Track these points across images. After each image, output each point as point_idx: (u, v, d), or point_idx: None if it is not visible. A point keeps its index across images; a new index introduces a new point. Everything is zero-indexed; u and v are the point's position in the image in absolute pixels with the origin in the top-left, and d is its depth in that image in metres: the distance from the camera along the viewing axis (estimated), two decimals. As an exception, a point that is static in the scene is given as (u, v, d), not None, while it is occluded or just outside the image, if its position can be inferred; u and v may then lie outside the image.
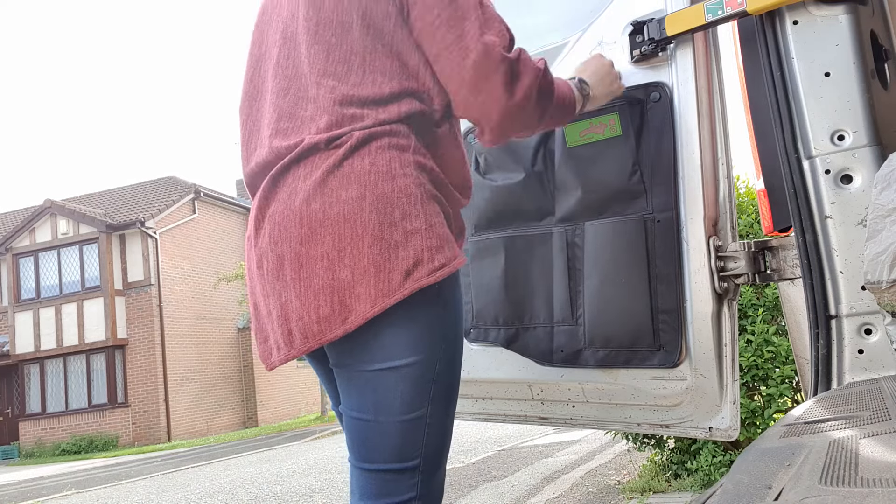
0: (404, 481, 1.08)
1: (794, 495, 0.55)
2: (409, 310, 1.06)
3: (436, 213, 1.10)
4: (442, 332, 1.09)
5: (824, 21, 1.38)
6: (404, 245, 1.06)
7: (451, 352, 1.10)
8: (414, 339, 1.07)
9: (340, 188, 1.08)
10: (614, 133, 1.56)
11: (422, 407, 1.07)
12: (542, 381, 1.71)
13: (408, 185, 1.09)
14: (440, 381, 1.09)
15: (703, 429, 1.53)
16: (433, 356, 1.08)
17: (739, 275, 1.49)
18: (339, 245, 1.06)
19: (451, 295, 1.11)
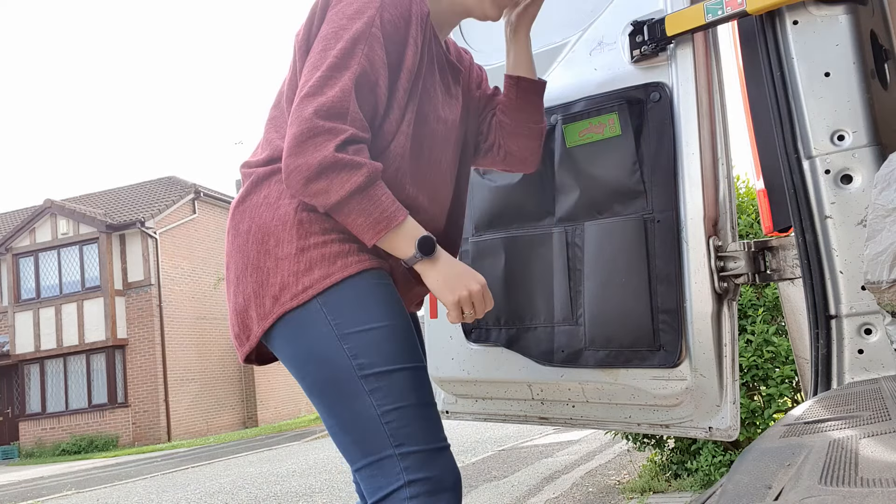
0: (387, 471, 1.11)
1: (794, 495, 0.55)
2: (298, 325, 1.16)
3: (317, 234, 1.17)
4: (339, 334, 1.14)
5: (824, 21, 1.38)
6: (274, 271, 1.17)
7: (365, 346, 1.13)
8: (310, 348, 1.16)
9: (240, 222, 1.24)
10: (613, 133, 1.57)
11: (360, 401, 1.12)
12: (543, 381, 1.71)
13: (287, 212, 1.19)
14: (370, 373, 1.12)
15: (703, 429, 1.53)
16: (339, 358, 1.13)
17: (739, 275, 1.49)
18: (237, 273, 1.22)
19: (348, 299, 1.15)
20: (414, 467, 1.10)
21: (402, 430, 1.11)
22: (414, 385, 1.15)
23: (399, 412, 1.12)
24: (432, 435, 1.14)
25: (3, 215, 23.97)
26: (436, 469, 1.12)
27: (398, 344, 1.15)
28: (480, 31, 1.94)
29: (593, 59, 1.64)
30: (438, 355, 1.88)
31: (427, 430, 1.13)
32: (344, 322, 1.14)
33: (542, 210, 1.69)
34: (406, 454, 1.11)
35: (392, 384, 1.13)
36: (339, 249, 1.17)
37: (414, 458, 1.11)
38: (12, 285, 19.41)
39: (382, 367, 1.13)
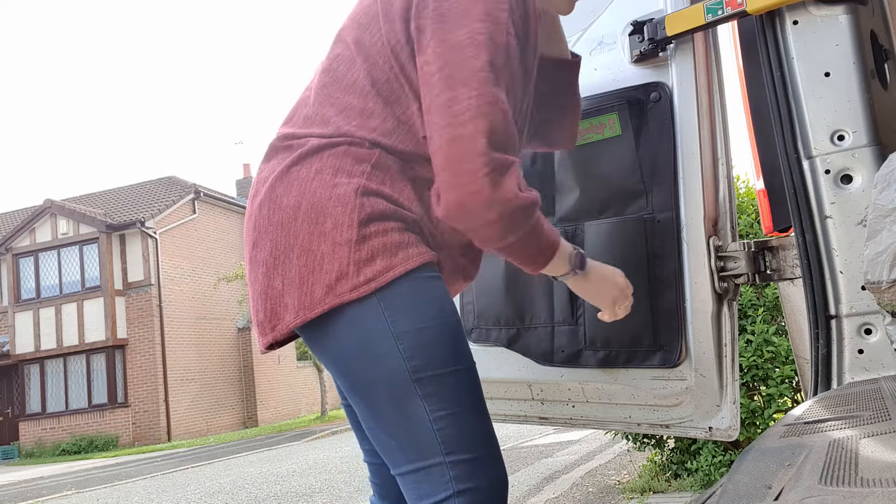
0: (435, 479, 1.06)
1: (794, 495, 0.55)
2: (351, 319, 1.07)
3: (378, 221, 1.07)
4: (395, 332, 1.06)
5: (824, 21, 1.38)
6: (331, 257, 1.06)
7: (421, 347, 1.06)
8: (361, 344, 1.07)
9: (283, 195, 1.10)
10: (614, 133, 1.56)
11: (412, 405, 1.06)
12: (543, 381, 1.71)
13: (347, 192, 1.07)
14: (424, 376, 1.06)
15: (703, 429, 1.53)
16: (393, 358, 1.06)
17: (739, 275, 1.49)
18: (276, 253, 1.09)
19: (404, 295, 1.07)
20: (463, 476, 1.05)
21: (454, 437, 1.06)
22: (468, 388, 1.09)
23: (452, 418, 1.06)
24: (483, 441, 1.08)
25: (3, 215, 23.97)
26: (485, 478, 1.07)
27: (453, 344, 1.09)
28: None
29: (593, 59, 1.64)
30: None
31: (478, 435, 1.08)
32: (400, 320, 1.06)
33: (542, 210, 1.68)
34: (456, 462, 1.05)
35: (447, 388, 1.07)
36: (400, 239, 1.08)
37: (464, 466, 1.06)
38: (12, 285, 19.41)
39: (438, 370, 1.06)
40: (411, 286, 1.07)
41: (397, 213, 1.09)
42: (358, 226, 1.06)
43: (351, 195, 1.07)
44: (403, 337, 1.06)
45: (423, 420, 1.05)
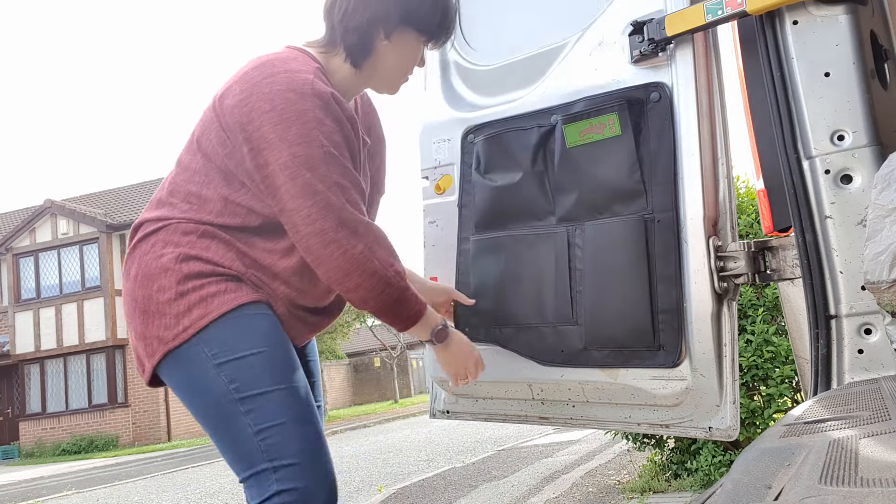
0: (262, 483, 1.26)
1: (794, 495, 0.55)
2: (181, 360, 1.30)
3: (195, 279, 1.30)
4: (217, 364, 1.28)
5: (824, 21, 1.38)
6: (158, 314, 1.31)
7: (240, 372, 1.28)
8: (193, 379, 1.30)
9: (130, 268, 1.37)
10: (613, 133, 1.57)
11: (238, 422, 1.27)
12: (543, 381, 1.71)
13: (169, 260, 1.32)
14: (245, 395, 1.27)
15: (702, 429, 1.53)
16: (217, 385, 1.27)
17: (739, 275, 1.49)
18: (129, 314, 1.37)
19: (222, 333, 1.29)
20: (285, 479, 1.24)
21: (276, 446, 1.25)
22: (287, 404, 1.28)
23: (273, 430, 1.26)
24: (304, 448, 1.26)
25: (3, 215, 23.96)
26: (306, 480, 1.25)
27: (271, 367, 1.29)
28: (482, 32, 1.94)
29: (593, 60, 1.64)
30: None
31: (299, 444, 1.26)
32: (220, 353, 1.28)
33: (543, 210, 1.69)
34: (278, 467, 1.25)
35: (267, 404, 1.27)
36: (216, 289, 1.30)
37: (285, 470, 1.24)
38: (12, 285, 19.41)
39: (257, 390, 1.27)
40: (229, 324, 1.29)
41: (214, 271, 1.32)
42: (176, 285, 1.30)
43: (171, 262, 1.31)
44: (224, 367, 1.28)
45: (248, 434, 1.26)
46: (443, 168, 1.90)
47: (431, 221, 1.93)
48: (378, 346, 27.95)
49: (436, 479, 5.63)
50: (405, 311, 1.35)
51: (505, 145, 1.73)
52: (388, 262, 1.30)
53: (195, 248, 1.32)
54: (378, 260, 1.29)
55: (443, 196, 1.91)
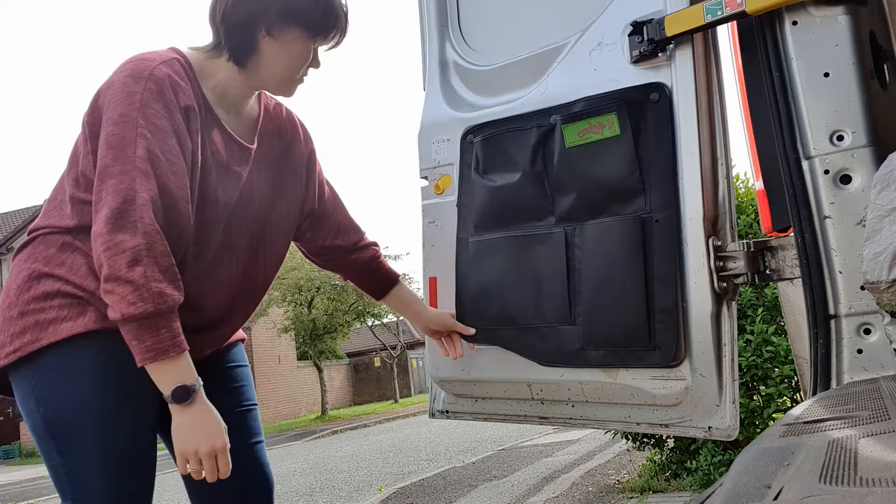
0: None
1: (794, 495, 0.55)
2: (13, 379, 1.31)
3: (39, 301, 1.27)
4: (37, 395, 1.26)
5: (823, 22, 1.38)
6: (1, 329, 1.30)
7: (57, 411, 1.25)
8: (21, 401, 1.30)
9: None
10: (613, 133, 1.57)
11: (52, 455, 1.27)
12: (542, 381, 1.71)
13: (23, 277, 1.31)
14: (58, 434, 1.26)
15: (702, 428, 1.53)
16: (37, 415, 1.27)
17: (739, 275, 1.49)
18: None
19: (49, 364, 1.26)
20: None
21: (77, 488, 1.26)
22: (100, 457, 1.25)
23: (78, 474, 1.25)
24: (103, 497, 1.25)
25: (3, 215, 23.96)
26: None
27: (88, 413, 1.25)
28: (481, 33, 1.94)
29: (593, 60, 1.64)
30: (439, 355, 1.88)
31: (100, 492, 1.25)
32: (42, 385, 1.26)
33: (542, 210, 1.69)
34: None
35: (77, 448, 1.25)
36: (56, 316, 1.26)
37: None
38: (12, 285, 19.41)
39: (69, 432, 1.25)
40: (57, 357, 1.26)
41: (61, 291, 1.27)
42: (20, 304, 1.28)
43: (24, 279, 1.30)
44: (43, 401, 1.26)
45: (59, 469, 1.27)
46: (442, 168, 1.90)
47: (431, 221, 1.93)
48: (378, 346, 27.95)
49: (436, 479, 5.63)
50: (148, 340, 1.18)
51: (504, 145, 1.73)
52: (155, 277, 1.18)
53: (50, 263, 1.29)
54: (142, 268, 1.17)
55: (442, 196, 1.91)
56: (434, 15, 1.99)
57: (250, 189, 1.45)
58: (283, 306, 20.28)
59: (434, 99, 1.93)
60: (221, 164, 1.39)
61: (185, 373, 1.22)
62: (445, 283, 1.88)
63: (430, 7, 1.99)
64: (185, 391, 1.22)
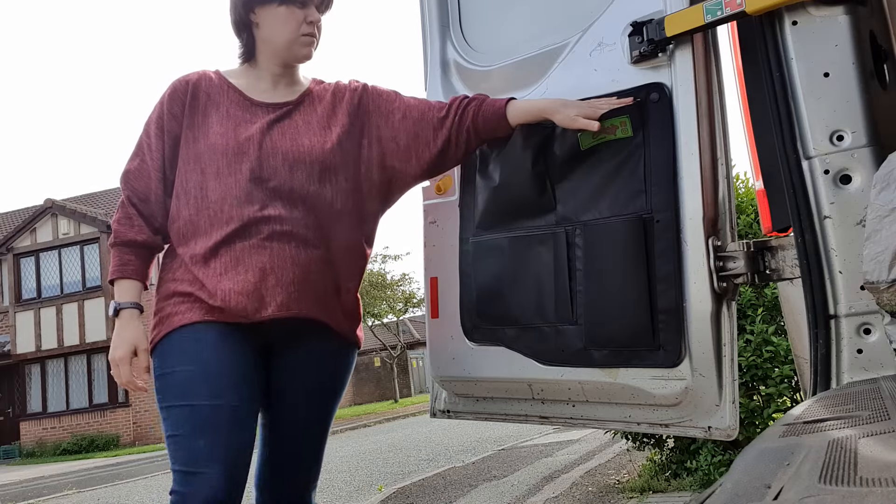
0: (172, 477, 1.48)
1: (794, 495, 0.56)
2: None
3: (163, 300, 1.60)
4: (156, 374, 1.55)
5: (823, 22, 1.38)
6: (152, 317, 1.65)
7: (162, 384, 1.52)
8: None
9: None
10: (626, 135, 1.57)
11: (163, 424, 1.52)
12: (543, 381, 1.71)
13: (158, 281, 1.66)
14: (163, 406, 1.51)
15: (702, 428, 1.53)
16: (155, 391, 1.52)
17: (739, 275, 1.49)
18: None
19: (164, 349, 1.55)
20: (176, 481, 1.45)
21: (175, 452, 1.47)
22: (184, 419, 1.47)
23: (174, 439, 1.47)
24: (195, 460, 1.44)
25: (3, 215, 23.95)
26: (188, 487, 1.43)
27: (181, 386, 1.49)
28: (482, 33, 1.94)
29: (593, 60, 1.64)
30: (440, 355, 1.88)
31: (191, 455, 1.44)
32: (158, 366, 1.55)
33: (543, 210, 1.69)
34: (175, 470, 1.46)
35: (172, 416, 1.49)
36: (169, 312, 1.56)
37: (178, 476, 1.45)
38: (13, 285, 19.40)
39: (168, 403, 1.50)
40: (169, 343, 1.54)
41: (175, 291, 1.57)
42: (155, 303, 1.58)
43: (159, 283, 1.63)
44: (158, 378, 1.54)
45: (167, 436, 1.50)
46: (443, 168, 1.89)
47: (432, 221, 1.93)
48: (378, 346, 27.92)
49: (436, 479, 5.63)
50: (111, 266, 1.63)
51: (505, 145, 1.73)
52: (116, 216, 1.63)
53: (167, 270, 1.63)
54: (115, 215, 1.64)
55: (443, 196, 1.91)
56: (435, 15, 1.99)
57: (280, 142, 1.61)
58: (283, 306, 20.25)
59: (435, 99, 1.93)
60: (238, 125, 1.61)
61: (121, 294, 1.61)
62: (447, 283, 1.88)
63: (432, 7, 1.99)
64: (114, 307, 1.60)
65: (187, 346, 1.52)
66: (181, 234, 1.59)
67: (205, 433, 1.44)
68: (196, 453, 1.44)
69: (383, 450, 9.20)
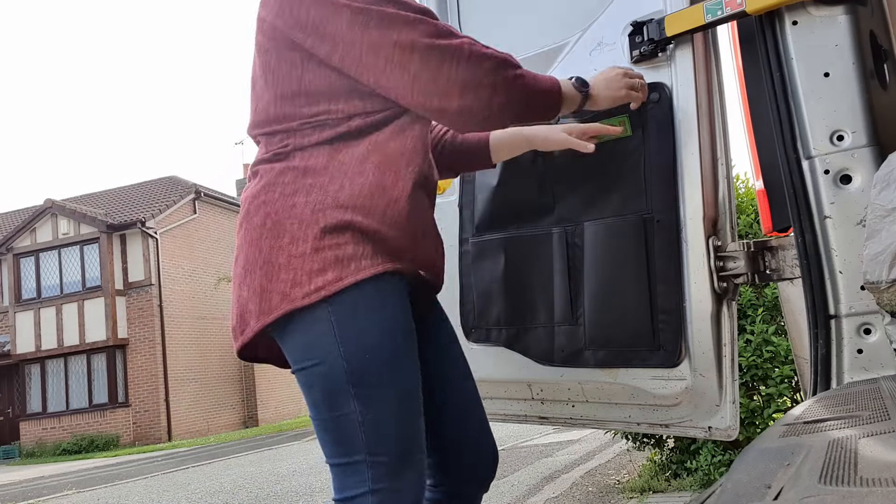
0: (354, 476, 1.16)
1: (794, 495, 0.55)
2: (303, 322, 1.18)
3: (332, 235, 1.18)
4: (340, 338, 1.16)
5: (823, 21, 1.38)
6: (286, 268, 1.17)
7: (360, 353, 1.16)
8: (308, 345, 1.18)
9: (254, 215, 1.24)
10: (626, 134, 1.57)
11: (345, 406, 1.16)
12: (543, 381, 1.71)
13: (303, 211, 1.19)
14: (359, 383, 1.16)
15: (702, 428, 1.53)
16: (333, 360, 1.16)
17: (739, 275, 1.49)
18: (246, 266, 1.23)
19: (352, 304, 1.18)
20: (380, 477, 1.15)
21: (377, 439, 1.16)
22: (398, 397, 1.18)
23: (378, 422, 1.16)
24: (405, 447, 1.17)
25: (3, 215, 23.96)
26: (401, 481, 1.16)
27: (390, 356, 1.18)
28: (482, 33, 1.94)
29: (593, 60, 1.64)
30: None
31: (401, 441, 1.17)
32: (345, 326, 1.17)
33: (542, 210, 1.69)
34: (375, 463, 1.15)
35: (376, 394, 1.17)
36: (354, 252, 1.18)
37: (382, 468, 1.15)
38: (13, 285, 19.41)
39: (372, 377, 1.16)
40: (361, 296, 1.18)
41: (352, 226, 1.19)
42: (312, 239, 1.17)
43: (307, 213, 1.19)
44: (346, 342, 1.16)
45: (353, 419, 1.16)
46: (443, 168, 1.89)
47: (431, 221, 1.93)
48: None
49: (436, 479, 5.62)
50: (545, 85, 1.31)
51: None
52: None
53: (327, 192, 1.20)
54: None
55: (443, 196, 1.91)
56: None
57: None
58: (283, 306, 20.28)
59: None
60: None
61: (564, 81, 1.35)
62: (446, 284, 1.87)
63: (431, 8, 1.99)
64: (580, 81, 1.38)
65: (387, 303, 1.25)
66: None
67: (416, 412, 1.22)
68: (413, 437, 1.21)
69: (383, 450, 9.17)
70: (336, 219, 1.18)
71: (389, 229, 1.22)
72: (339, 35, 1.19)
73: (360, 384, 1.16)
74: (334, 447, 1.19)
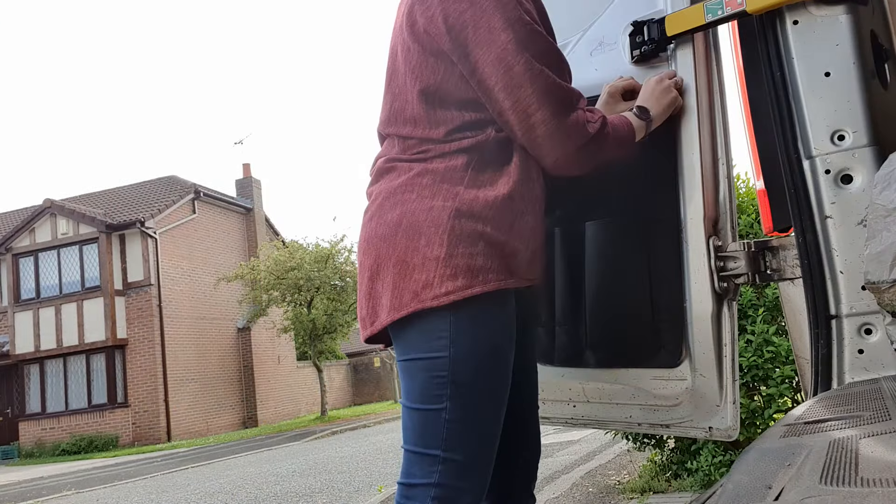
0: (424, 466, 1.24)
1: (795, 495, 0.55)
2: (424, 319, 1.24)
3: (466, 244, 1.24)
4: (453, 341, 1.23)
5: (824, 21, 1.38)
6: (420, 269, 1.24)
7: (467, 358, 1.23)
8: (422, 340, 1.25)
9: (389, 210, 1.30)
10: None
11: (438, 402, 1.23)
12: (543, 381, 1.71)
13: (440, 215, 1.25)
14: (459, 381, 1.23)
15: (703, 429, 1.53)
16: (441, 359, 1.23)
17: (739, 275, 1.49)
18: (379, 260, 1.29)
19: (472, 312, 1.24)
20: (447, 474, 1.22)
21: (456, 442, 1.23)
22: (488, 405, 1.26)
23: (463, 423, 1.23)
24: (481, 453, 1.25)
25: (3, 215, 23.97)
26: (465, 482, 1.23)
27: (493, 367, 1.26)
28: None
29: (594, 60, 1.64)
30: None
31: (479, 447, 1.25)
32: (461, 330, 1.24)
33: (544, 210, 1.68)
34: (448, 460, 1.22)
35: (470, 399, 1.24)
36: (483, 264, 1.24)
37: (454, 466, 1.22)
38: (12, 285, 19.41)
39: (470, 381, 1.24)
40: (481, 307, 1.25)
41: (484, 238, 1.25)
42: (447, 245, 1.23)
43: (444, 218, 1.25)
44: (457, 345, 1.23)
45: (441, 416, 1.23)
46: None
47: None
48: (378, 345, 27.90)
49: (436, 479, 5.61)
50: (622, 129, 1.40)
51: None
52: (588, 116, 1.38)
53: (463, 200, 1.26)
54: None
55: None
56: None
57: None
58: (282, 306, 20.29)
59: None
60: None
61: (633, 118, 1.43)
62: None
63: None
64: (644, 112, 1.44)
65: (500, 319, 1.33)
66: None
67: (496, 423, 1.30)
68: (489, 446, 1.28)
69: (383, 450, 9.19)
70: (470, 228, 1.24)
71: (517, 242, 1.29)
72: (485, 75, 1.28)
73: (458, 386, 1.23)
74: (415, 436, 1.26)
